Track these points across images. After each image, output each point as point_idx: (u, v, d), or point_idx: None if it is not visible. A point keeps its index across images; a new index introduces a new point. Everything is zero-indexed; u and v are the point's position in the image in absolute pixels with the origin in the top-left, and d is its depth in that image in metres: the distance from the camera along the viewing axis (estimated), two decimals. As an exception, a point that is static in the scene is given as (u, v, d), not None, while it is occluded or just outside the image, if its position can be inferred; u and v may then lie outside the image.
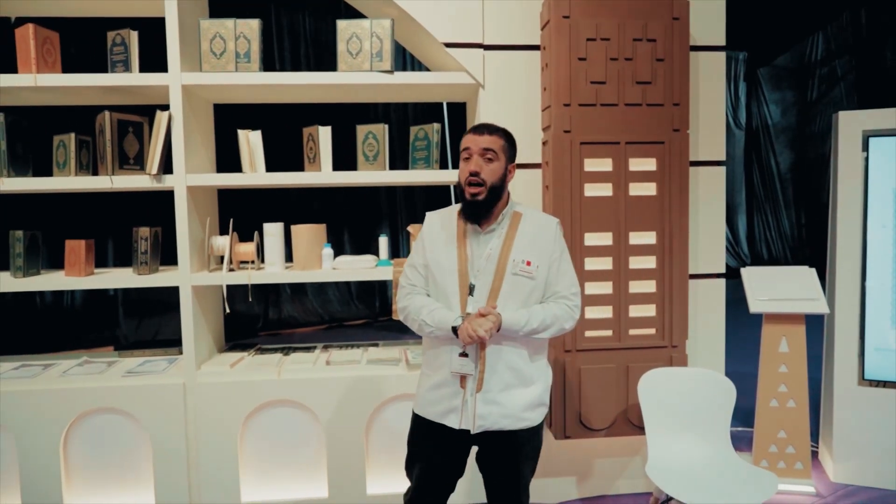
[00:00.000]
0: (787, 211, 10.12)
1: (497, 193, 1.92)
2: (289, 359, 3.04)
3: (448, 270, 1.94)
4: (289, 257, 2.99)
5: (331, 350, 3.19)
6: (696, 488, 2.28)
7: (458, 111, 7.45)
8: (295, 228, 2.90)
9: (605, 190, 2.79)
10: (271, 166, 2.97)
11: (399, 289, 2.07)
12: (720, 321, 3.07)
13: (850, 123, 3.11)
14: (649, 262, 2.82)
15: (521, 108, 2.92)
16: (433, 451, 2.01)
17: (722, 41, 2.99)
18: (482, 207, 1.91)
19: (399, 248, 7.60)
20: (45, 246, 3.03)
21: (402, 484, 2.83)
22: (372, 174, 2.88)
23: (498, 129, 1.96)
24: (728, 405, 2.58)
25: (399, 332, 6.95)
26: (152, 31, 3.01)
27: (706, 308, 3.04)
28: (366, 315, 7.37)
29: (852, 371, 3.13)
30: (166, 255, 3.04)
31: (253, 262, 2.93)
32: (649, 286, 2.83)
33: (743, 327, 4.26)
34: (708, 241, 3.03)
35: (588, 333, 2.79)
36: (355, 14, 3.18)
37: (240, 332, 6.39)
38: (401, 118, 7.50)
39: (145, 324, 6.22)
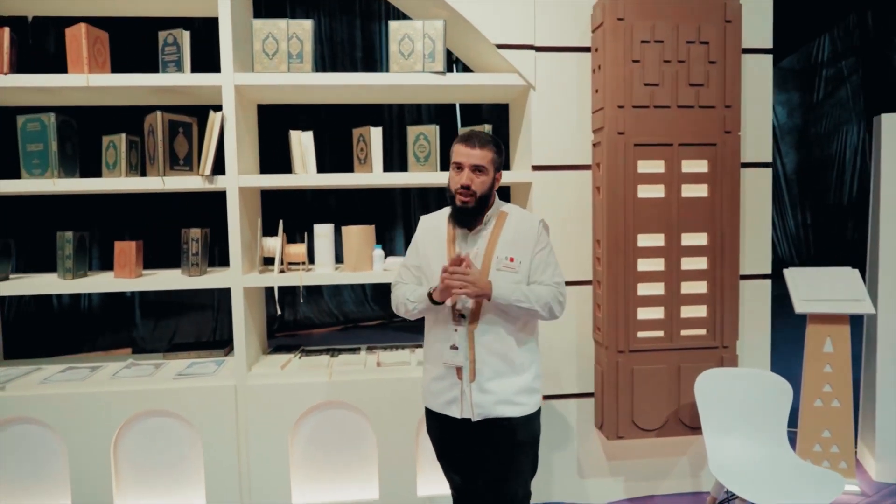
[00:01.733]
0: (792, 212, 10.20)
1: (485, 201, 2.03)
2: (337, 360, 3.03)
3: (439, 270, 2.02)
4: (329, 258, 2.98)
5: (377, 351, 3.18)
6: (762, 488, 2.30)
7: (472, 112, 7.50)
8: (346, 229, 2.89)
9: (657, 191, 2.80)
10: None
11: (392, 287, 2.21)
12: (766, 321, 3.09)
13: (892, 125, 3.13)
14: (701, 263, 2.84)
15: (571, 109, 2.93)
16: (446, 440, 2.13)
17: (769, 44, 3.01)
18: (471, 214, 2.02)
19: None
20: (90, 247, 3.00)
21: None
22: (424, 175, 2.88)
23: (488, 142, 2.02)
24: (785, 405, 2.60)
25: (416, 332, 6.94)
26: (195, 32, 3.00)
27: (752, 308, 3.06)
28: (381, 316, 7.35)
29: (893, 370, 3.16)
30: (211, 256, 3.03)
31: (303, 263, 2.92)
32: (701, 287, 2.84)
33: (777, 328, 4.27)
34: (754, 242, 3.05)
35: (640, 334, 2.81)
36: (371, 14, 3.18)
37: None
38: (414, 119, 7.49)
39: (161, 326, 6.17)
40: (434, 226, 2.14)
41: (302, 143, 2.83)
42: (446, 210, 2.13)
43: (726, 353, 2.85)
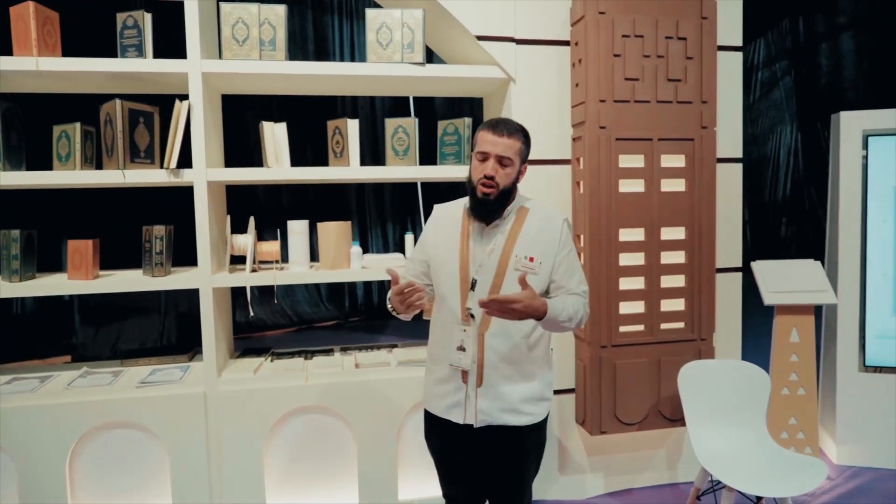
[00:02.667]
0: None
1: (508, 194, 1.89)
2: (312, 363, 2.90)
3: (450, 265, 1.91)
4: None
5: (353, 352, 3.07)
6: (751, 477, 2.33)
7: (425, 106, 7.42)
8: (321, 226, 2.76)
9: (637, 186, 2.81)
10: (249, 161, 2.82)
11: None
12: (737, 314, 3.17)
13: (851, 123, 3.27)
14: (679, 257, 2.87)
15: (550, 104, 2.90)
16: (445, 446, 2.01)
17: (739, 41, 3.08)
18: (493, 206, 1.87)
19: (390, 245, 7.62)
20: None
21: (435, 488, 2.77)
22: (403, 169, 2.79)
23: (517, 130, 1.88)
24: (764, 395, 2.65)
25: (371, 332, 6.81)
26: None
27: (723, 301, 3.12)
28: (336, 316, 7.18)
29: (853, 359, 3.30)
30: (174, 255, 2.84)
31: (277, 261, 2.78)
32: (679, 281, 2.88)
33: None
34: (725, 236, 3.11)
35: (622, 329, 2.81)
36: (323, 6, 3.05)
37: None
38: (367, 113, 7.34)
39: (103, 331, 5.80)
40: (448, 217, 1.98)
41: (275, 136, 2.69)
42: (461, 200, 2.00)
43: (703, 345, 2.90)
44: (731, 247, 3.13)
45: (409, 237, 3.01)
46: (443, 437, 2.00)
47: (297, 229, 2.76)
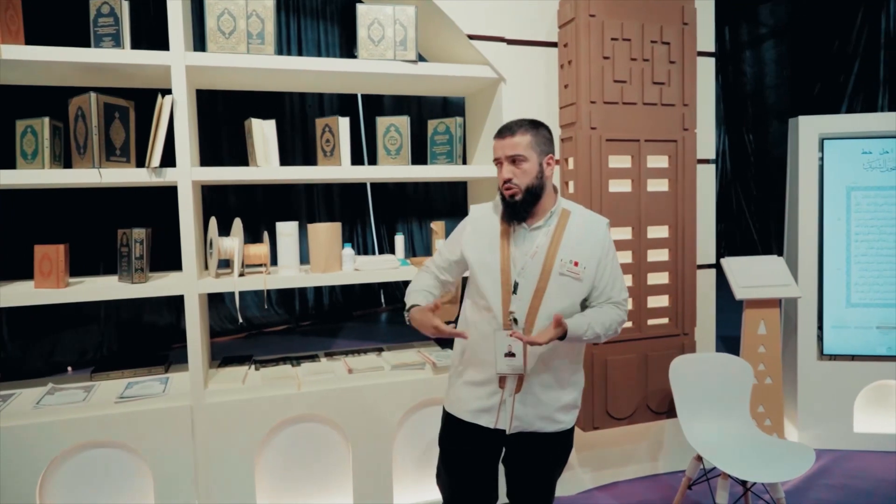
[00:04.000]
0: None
1: (535, 191, 1.85)
2: (301, 370, 2.79)
3: (490, 267, 1.88)
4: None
5: (340, 357, 2.98)
6: (745, 464, 2.43)
7: (374, 103, 7.33)
8: (312, 227, 2.67)
9: (625, 186, 2.87)
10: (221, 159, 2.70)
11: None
12: (711, 309, 3.30)
13: (808, 128, 3.47)
14: (663, 255, 2.96)
15: (539, 104, 2.93)
16: (465, 451, 1.98)
17: (712, 48, 3.21)
18: (521, 207, 1.85)
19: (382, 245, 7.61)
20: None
21: (430, 491, 2.74)
22: (396, 169, 2.73)
23: (521, 125, 1.85)
24: (747, 386, 2.78)
25: (323, 336, 6.64)
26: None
27: (699, 296, 3.24)
28: (286, 320, 6.96)
29: (812, 348, 3.52)
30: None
31: (265, 265, 2.65)
32: (663, 278, 2.97)
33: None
34: (700, 234, 3.23)
35: (612, 326, 2.87)
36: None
37: (153, 345, 5.76)
38: (319, 111, 7.16)
39: (36, 343, 5.36)
40: (486, 218, 1.95)
41: (264, 134, 2.57)
42: (498, 201, 1.96)
43: (686, 339, 3.00)
44: (705, 244, 3.26)
45: (399, 238, 2.95)
46: (463, 440, 1.96)
47: (287, 231, 2.65)
